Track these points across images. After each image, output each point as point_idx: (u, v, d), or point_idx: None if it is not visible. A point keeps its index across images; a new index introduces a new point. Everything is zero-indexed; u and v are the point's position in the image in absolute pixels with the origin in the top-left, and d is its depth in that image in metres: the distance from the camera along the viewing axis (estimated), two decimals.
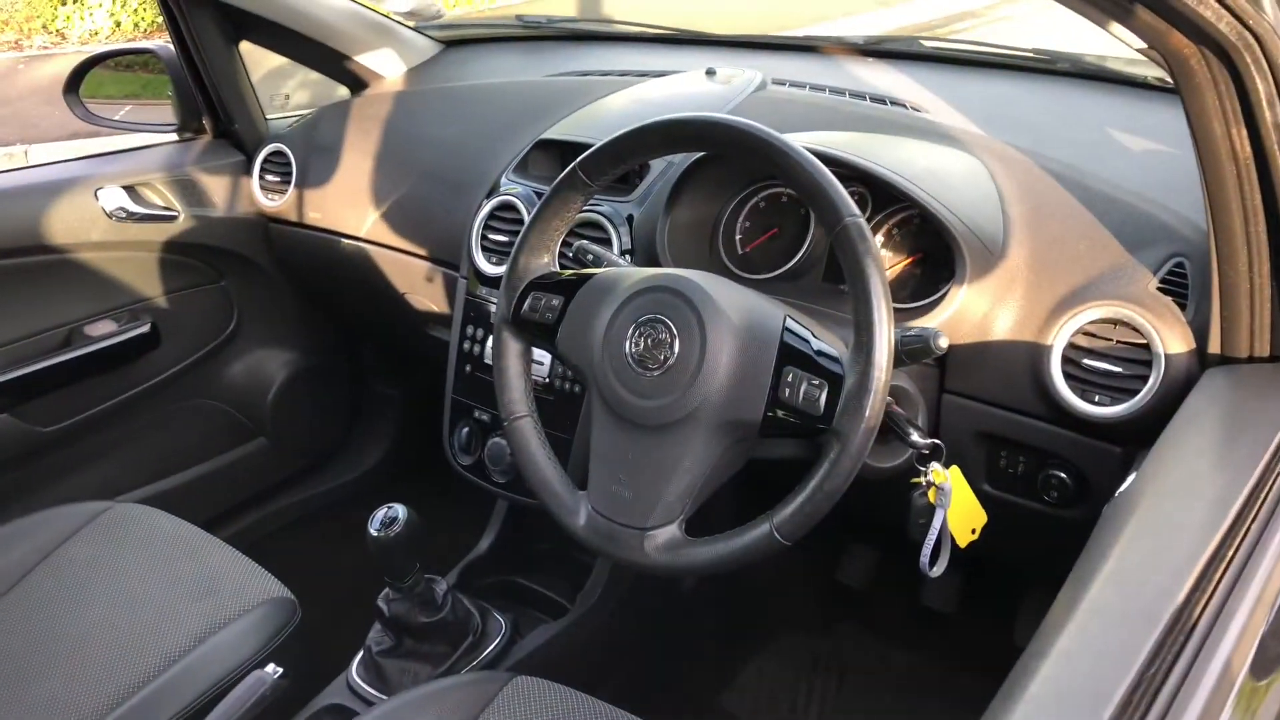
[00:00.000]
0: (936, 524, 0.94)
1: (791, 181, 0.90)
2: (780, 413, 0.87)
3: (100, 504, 1.39)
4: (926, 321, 1.03)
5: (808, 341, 0.88)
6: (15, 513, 1.39)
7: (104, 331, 1.64)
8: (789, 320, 0.90)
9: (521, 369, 1.05)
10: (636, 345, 0.93)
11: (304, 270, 1.79)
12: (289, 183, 1.70)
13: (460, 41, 1.92)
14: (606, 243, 1.27)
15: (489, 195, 1.41)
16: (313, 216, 1.68)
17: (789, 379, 0.87)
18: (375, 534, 1.19)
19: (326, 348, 1.96)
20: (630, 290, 0.96)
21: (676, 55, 1.73)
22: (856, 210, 0.86)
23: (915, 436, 0.94)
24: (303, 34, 1.67)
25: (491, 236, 1.39)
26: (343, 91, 1.84)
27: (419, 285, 1.57)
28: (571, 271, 1.03)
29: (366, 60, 1.78)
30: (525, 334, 1.04)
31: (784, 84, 1.45)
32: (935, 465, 0.94)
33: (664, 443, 0.92)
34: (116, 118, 1.79)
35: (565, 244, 1.12)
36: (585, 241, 1.14)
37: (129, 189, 1.63)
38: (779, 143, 0.89)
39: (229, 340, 1.82)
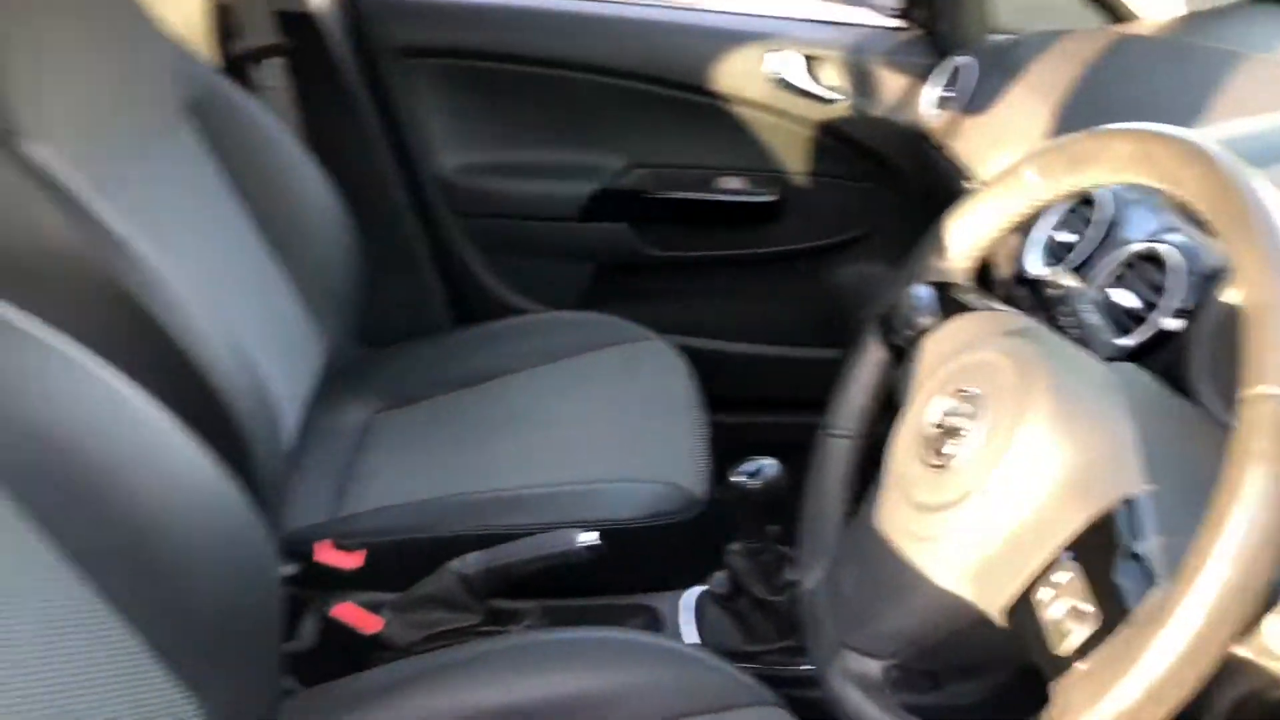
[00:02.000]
0: None
1: (1243, 284, 0.51)
2: (1021, 616, 0.55)
3: (645, 331, 1.50)
4: None
5: (1137, 536, 0.52)
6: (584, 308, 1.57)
7: (734, 186, 1.71)
8: (1144, 498, 0.54)
9: (873, 380, 0.83)
10: (935, 419, 0.65)
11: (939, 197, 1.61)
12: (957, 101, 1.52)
13: None
14: (1159, 290, 0.88)
15: None
16: (957, 146, 1.49)
17: (1055, 577, 0.53)
18: (733, 480, 1.08)
19: None
20: (973, 342, 0.66)
21: None
22: None
23: None
24: None
25: (1057, 235, 1.06)
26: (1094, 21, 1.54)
27: None
28: (972, 293, 0.75)
29: None
30: (886, 343, 0.81)
31: None
32: None
33: (904, 558, 0.65)
34: None
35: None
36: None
37: (807, 58, 1.61)
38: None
39: (852, 242, 1.75)
